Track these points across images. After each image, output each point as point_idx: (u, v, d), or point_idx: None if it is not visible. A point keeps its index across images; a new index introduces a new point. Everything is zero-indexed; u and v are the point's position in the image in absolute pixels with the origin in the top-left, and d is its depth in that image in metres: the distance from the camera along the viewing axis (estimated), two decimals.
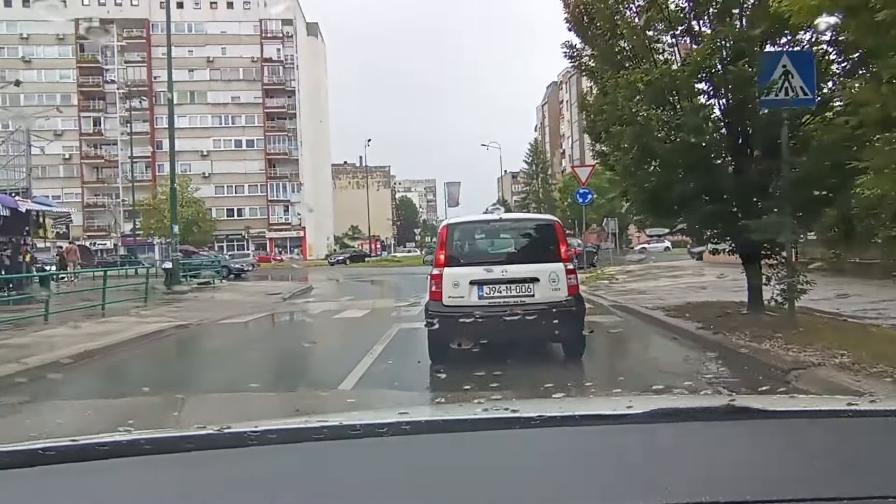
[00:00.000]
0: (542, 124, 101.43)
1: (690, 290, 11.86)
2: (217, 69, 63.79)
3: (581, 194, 19.15)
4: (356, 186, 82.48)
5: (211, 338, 9.59)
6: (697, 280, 14.03)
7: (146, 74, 62.80)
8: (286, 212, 64.49)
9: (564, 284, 5.75)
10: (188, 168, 61.47)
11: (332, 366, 6.44)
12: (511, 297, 5.74)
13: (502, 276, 5.75)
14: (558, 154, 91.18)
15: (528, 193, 77.58)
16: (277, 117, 64.77)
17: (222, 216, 62.89)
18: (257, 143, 64.09)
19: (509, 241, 6.49)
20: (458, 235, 6.27)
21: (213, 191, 62.82)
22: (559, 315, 5.59)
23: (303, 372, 6.54)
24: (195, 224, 55.65)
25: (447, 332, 5.60)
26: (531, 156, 76.95)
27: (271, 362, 7.47)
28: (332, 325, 10.64)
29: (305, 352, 7.84)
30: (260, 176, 64.15)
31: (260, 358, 7.66)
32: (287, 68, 64.88)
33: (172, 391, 4.84)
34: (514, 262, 5.98)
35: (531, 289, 5.73)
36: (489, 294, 5.73)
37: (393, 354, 6.72)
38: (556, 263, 5.82)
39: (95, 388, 5.99)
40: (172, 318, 10.46)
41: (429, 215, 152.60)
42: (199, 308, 12.11)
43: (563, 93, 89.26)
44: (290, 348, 8.53)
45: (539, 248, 6.12)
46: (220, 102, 63.52)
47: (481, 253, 6.35)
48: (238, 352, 8.14)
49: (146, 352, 8.06)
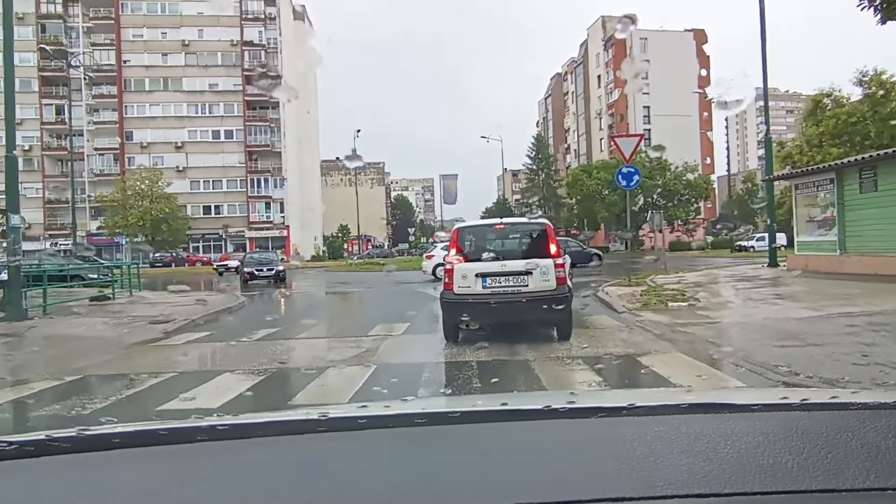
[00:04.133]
0: (544, 119, 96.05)
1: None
2: (193, 53, 58.39)
3: (624, 175, 13.82)
4: (349, 184, 76.96)
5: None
6: (866, 308, 7.98)
7: (115, 58, 57.36)
8: (268, 209, 59.06)
9: (553, 276, 6.89)
10: (160, 161, 56.14)
11: None
12: (509, 287, 6.92)
13: (502, 269, 6.96)
14: (562, 150, 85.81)
15: (531, 191, 72.21)
16: (259, 106, 59.31)
17: (198, 213, 57.54)
18: (237, 134, 58.64)
19: (508, 241, 7.60)
20: (467, 236, 7.55)
21: (188, 186, 57.46)
22: (548, 301, 6.78)
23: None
24: (164, 222, 50.33)
25: (457, 315, 6.97)
26: (535, 150, 71.51)
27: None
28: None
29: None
30: (239, 170, 58.70)
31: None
32: (270, 53, 59.52)
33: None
34: (512, 257, 7.15)
35: (525, 280, 6.89)
36: (491, 284, 6.93)
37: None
38: (547, 259, 6.95)
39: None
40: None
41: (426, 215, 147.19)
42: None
43: (569, 84, 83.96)
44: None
45: (532, 247, 7.24)
46: (197, 90, 58.10)
47: (485, 251, 7.26)
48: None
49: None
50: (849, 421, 0.93)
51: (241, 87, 58.35)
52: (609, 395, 1.82)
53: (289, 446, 0.94)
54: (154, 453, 0.91)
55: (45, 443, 0.93)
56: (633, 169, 13.84)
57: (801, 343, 6.14)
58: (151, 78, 58.03)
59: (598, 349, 6.66)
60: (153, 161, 55.32)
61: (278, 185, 58.75)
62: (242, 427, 1.04)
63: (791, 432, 0.88)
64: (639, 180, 13.90)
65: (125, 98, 57.67)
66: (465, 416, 1.08)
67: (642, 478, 0.74)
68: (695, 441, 0.85)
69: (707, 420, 0.97)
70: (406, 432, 0.99)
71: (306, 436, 0.99)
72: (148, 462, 0.89)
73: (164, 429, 1.00)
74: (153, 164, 54.00)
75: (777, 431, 0.89)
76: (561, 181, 71.52)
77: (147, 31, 57.90)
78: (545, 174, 70.72)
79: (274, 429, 1.03)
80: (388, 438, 0.97)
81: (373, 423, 1.04)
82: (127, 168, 54.75)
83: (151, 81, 58.03)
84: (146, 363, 6.78)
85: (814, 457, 0.78)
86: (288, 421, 1.12)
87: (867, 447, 0.80)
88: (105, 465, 0.88)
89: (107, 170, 57.08)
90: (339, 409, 1.17)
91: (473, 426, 1.02)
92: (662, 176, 55.89)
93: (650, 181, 56.18)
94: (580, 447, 0.89)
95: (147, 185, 50.30)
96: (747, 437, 0.87)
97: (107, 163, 57.84)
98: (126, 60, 57.80)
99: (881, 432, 0.86)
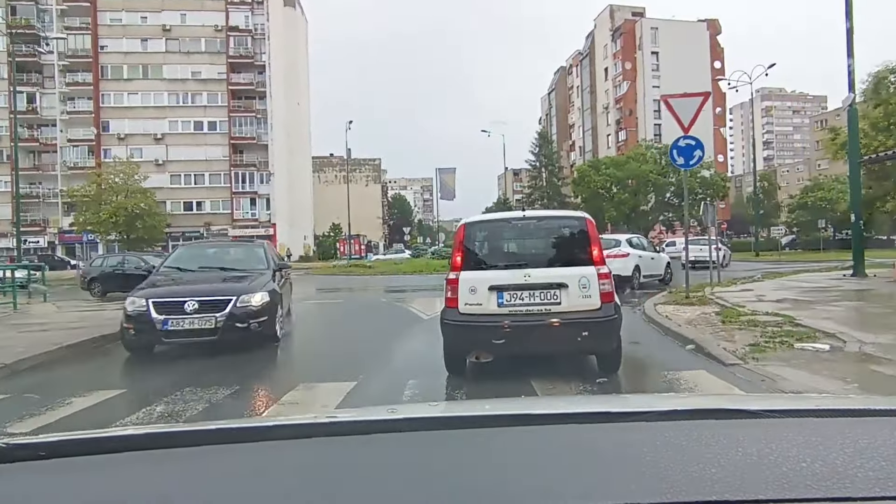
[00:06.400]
0: (547, 115, 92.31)
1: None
2: (175, 39, 54.57)
3: (682, 150, 10.07)
4: (343, 181, 73.03)
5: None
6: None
7: (91, 43, 53.50)
8: (253, 205, 55.21)
9: (597, 291, 5.12)
10: (139, 153, 52.19)
11: None
12: (535, 305, 5.11)
13: (525, 281, 5.14)
14: (566, 147, 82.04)
15: (533, 189, 68.37)
16: (245, 96, 55.56)
17: (178, 210, 53.67)
18: (220, 126, 54.77)
19: (533, 242, 5.77)
20: (476, 235, 5.58)
21: (169, 180, 53.65)
22: (591, 326, 5.02)
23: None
24: (140, 219, 46.44)
25: (463, 343, 5.27)
26: (538, 146, 67.68)
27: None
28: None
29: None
30: (223, 163, 54.84)
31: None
32: (257, 39, 55.69)
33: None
34: (539, 265, 5.31)
35: (558, 295, 5.13)
36: (510, 301, 5.14)
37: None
38: (588, 267, 5.19)
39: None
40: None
41: (425, 215, 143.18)
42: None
43: (574, 78, 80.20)
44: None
45: (567, 250, 5.45)
46: (178, 78, 54.24)
47: (502, 255, 5.63)
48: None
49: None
50: (862, 428, 0.92)
51: (225, 76, 54.57)
52: (619, 400, 1.82)
53: (294, 450, 0.94)
54: (161, 456, 0.91)
55: (51, 445, 0.94)
56: (693, 140, 10.06)
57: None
58: (130, 65, 54.19)
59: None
60: (131, 153, 51.34)
61: (265, 181, 54.90)
62: (247, 430, 1.06)
63: (803, 439, 0.87)
64: (701, 156, 10.14)
65: (101, 86, 53.81)
66: (472, 420, 1.09)
67: (652, 483, 0.74)
68: (706, 447, 0.84)
69: (718, 426, 0.96)
70: (412, 437, 0.99)
71: (312, 440, 0.99)
72: (154, 465, 0.89)
73: (170, 432, 1.00)
74: (130, 157, 50.08)
75: (789, 438, 0.87)
76: (565, 179, 67.74)
77: (125, 14, 54.08)
78: (549, 171, 66.91)
79: (279, 433, 1.03)
80: (393, 443, 0.96)
81: (378, 427, 1.05)
82: (103, 161, 50.79)
83: (130, 69, 54.19)
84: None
85: (827, 464, 0.77)
86: (294, 425, 1.12)
87: (880, 454, 0.79)
88: (101, 469, 0.88)
89: (81, 162, 53.13)
90: (346, 414, 1.18)
91: (480, 430, 1.01)
92: (676, 172, 52.18)
93: (662, 178, 52.49)
94: (589, 452, 0.88)
95: (122, 178, 46.46)
96: (759, 443, 0.85)
97: (81, 155, 53.90)
98: (103, 46, 53.95)
99: (895, 439, 0.84)
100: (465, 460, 0.87)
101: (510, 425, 1.02)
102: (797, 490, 0.70)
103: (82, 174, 50.13)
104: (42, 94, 53.44)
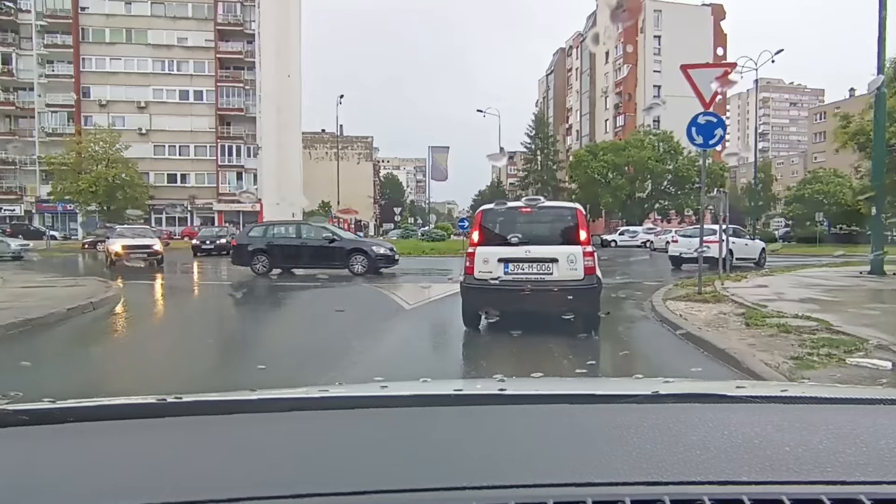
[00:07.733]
0: (544, 98, 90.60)
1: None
2: (160, 3, 52.32)
3: (701, 128, 8.92)
4: (334, 158, 71.27)
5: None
6: None
7: (71, 4, 51.11)
8: (239, 179, 53.57)
9: (581, 265, 6.47)
10: (121, 122, 50.28)
11: None
12: (532, 274, 6.53)
13: (526, 255, 6.54)
14: (563, 131, 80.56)
15: (528, 173, 67.01)
16: (233, 66, 53.54)
17: (161, 182, 51.94)
18: (207, 96, 52.80)
19: (534, 226, 6.97)
20: (490, 219, 7.02)
21: (152, 150, 51.82)
22: (574, 292, 6.32)
23: None
24: (120, 189, 44.74)
25: (477, 301, 6.76)
26: (534, 129, 66.19)
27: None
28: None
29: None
30: (209, 135, 53.00)
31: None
32: (246, 7, 53.52)
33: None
34: (537, 243, 6.66)
35: (550, 268, 6.51)
36: (514, 270, 6.57)
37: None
38: (575, 246, 6.55)
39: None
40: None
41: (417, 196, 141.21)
42: None
43: (573, 59, 78.46)
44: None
45: (560, 232, 6.80)
46: (164, 44, 52.08)
47: (510, 234, 6.78)
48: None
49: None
50: (844, 415, 0.94)
51: (213, 43, 52.48)
52: (608, 382, 1.92)
53: (286, 422, 0.95)
54: (153, 425, 0.92)
55: (52, 412, 0.95)
56: (714, 117, 8.92)
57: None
58: (112, 28, 51.91)
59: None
60: (112, 121, 49.47)
61: (252, 154, 53.18)
62: (239, 403, 1.06)
63: (788, 424, 0.88)
64: (723, 136, 9.02)
65: (82, 49, 51.54)
66: (461, 398, 1.10)
67: (639, 464, 0.74)
68: (692, 430, 0.85)
69: (705, 410, 0.97)
70: (402, 412, 0.99)
71: (304, 412, 1.00)
72: (145, 433, 0.89)
73: (162, 403, 1.00)
74: (112, 125, 48.18)
75: (774, 423, 0.89)
76: (560, 163, 66.45)
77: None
78: (544, 154, 65.54)
79: (272, 405, 1.04)
80: (383, 417, 0.97)
81: (368, 402, 1.07)
82: (83, 128, 48.81)
83: (112, 32, 51.92)
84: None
85: (809, 448, 0.79)
86: (286, 398, 1.13)
87: (861, 440, 0.81)
88: (102, 437, 0.88)
89: (60, 129, 51.05)
90: (338, 389, 1.20)
91: (469, 408, 1.02)
92: (674, 160, 51.16)
93: (661, 165, 51.43)
94: (577, 432, 0.89)
95: (102, 147, 44.62)
96: (745, 427, 0.86)
97: (60, 121, 51.80)
98: (84, 7, 51.58)
99: (878, 426, 0.86)
100: (453, 437, 0.88)
101: (499, 403, 1.03)
102: (780, 473, 0.72)
103: (61, 141, 48.23)
104: (19, 56, 51.13)
